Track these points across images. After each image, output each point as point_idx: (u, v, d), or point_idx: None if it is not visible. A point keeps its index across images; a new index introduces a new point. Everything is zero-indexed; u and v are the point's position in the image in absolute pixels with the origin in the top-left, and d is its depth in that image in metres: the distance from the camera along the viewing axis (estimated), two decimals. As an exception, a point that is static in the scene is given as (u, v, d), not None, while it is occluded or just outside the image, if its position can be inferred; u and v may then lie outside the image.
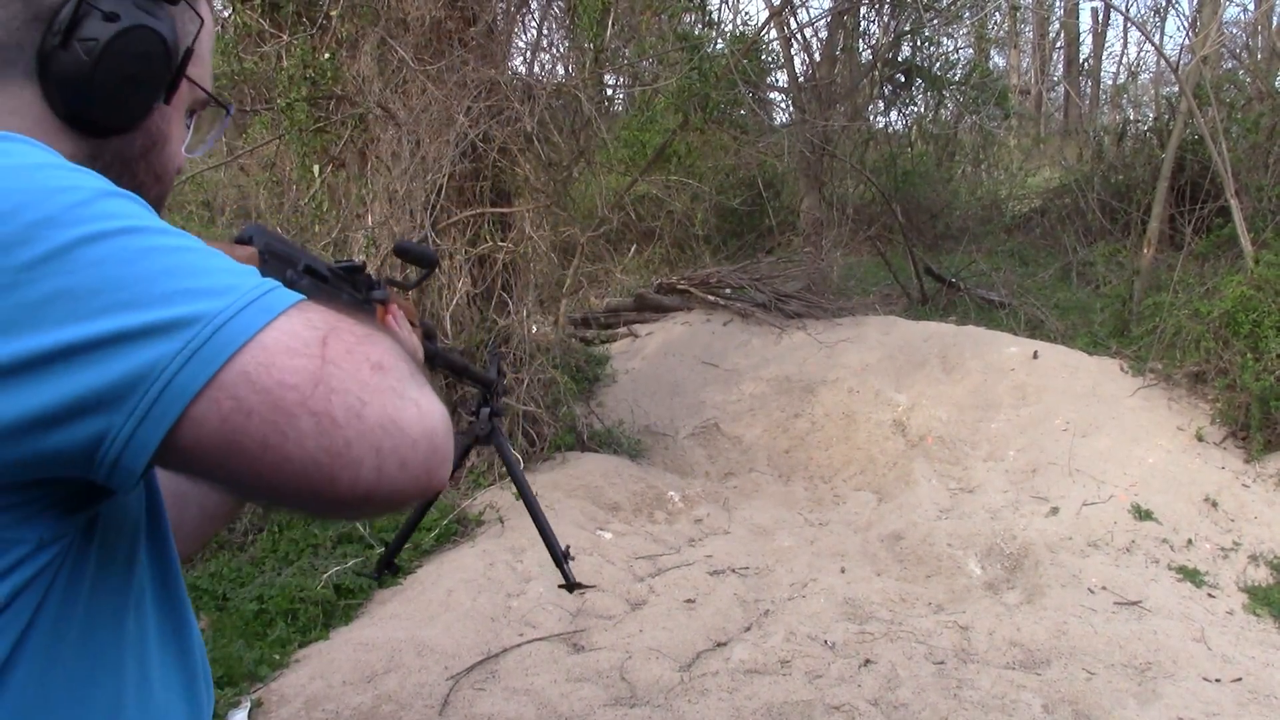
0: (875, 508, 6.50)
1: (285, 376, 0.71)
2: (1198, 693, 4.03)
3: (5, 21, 0.88)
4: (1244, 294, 6.60)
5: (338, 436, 0.72)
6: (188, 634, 0.97)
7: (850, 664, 4.24)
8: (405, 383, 0.77)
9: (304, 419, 0.71)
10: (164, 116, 1.01)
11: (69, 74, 0.89)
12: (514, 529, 5.48)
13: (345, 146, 6.15)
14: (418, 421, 0.76)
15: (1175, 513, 5.81)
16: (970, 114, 13.45)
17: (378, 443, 0.73)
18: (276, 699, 3.84)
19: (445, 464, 0.79)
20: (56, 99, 0.90)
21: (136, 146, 0.98)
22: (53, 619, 0.77)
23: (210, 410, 0.70)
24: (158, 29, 0.95)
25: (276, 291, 0.76)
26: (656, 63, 8.82)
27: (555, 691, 3.92)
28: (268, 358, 0.71)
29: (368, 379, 0.74)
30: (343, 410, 0.72)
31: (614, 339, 9.60)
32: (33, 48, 0.89)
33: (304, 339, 0.73)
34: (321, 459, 0.72)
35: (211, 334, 0.71)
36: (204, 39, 1.05)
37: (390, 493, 0.75)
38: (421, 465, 0.76)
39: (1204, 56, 8.90)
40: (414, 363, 0.81)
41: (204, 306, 0.72)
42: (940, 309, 10.36)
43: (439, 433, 0.78)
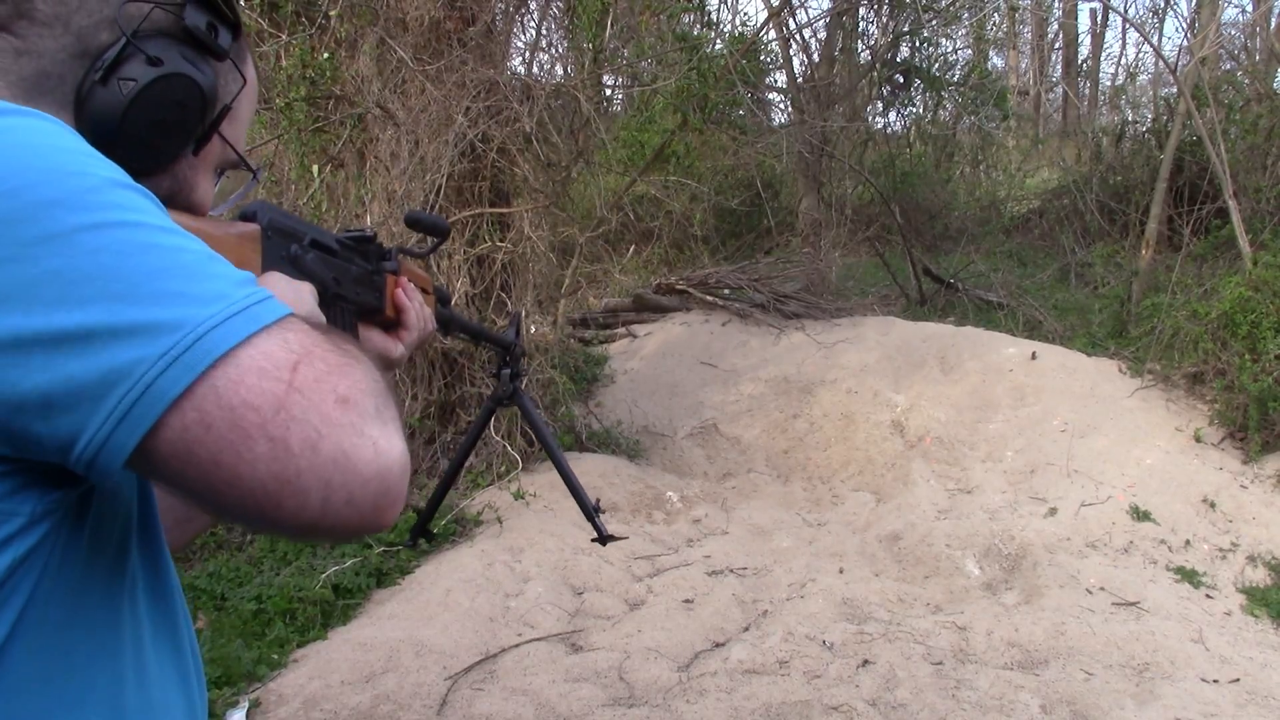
0: (874, 508, 6.50)
1: (250, 396, 0.72)
2: (1196, 693, 4.04)
3: (53, 52, 0.90)
4: (1242, 295, 6.60)
5: (290, 465, 0.72)
6: (179, 628, 0.97)
7: (848, 664, 4.24)
8: (367, 419, 0.77)
9: (260, 442, 0.72)
10: (192, 167, 1.02)
11: (103, 110, 0.91)
12: (513, 530, 5.48)
13: (344, 146, 6.14)
14: (372, 461, 0.76)
15: (1173, 513, 5.81)
16: (969, 115, 13.47)
17: (328, 477, 0.74)
18: (275, 699, 3.84)
19: (394, 505, 0.79)
20: (88, 131, 0.90)
21: (162, 190, 0.99)
22: (49, 598, 0.78)
23: (176, 418, 0.71)
24: (198, 80, 0.97)
25: (265, 304, 0.77)
26: (655, 63, 8.81)
27: (554, 691, 3.92)
28: (238, 374, 0.72)
29: (329, 411, 0.74)
30: (299, 440, 0.72)
31: (612, 339, 9.60)
32: (74, 81, 0.91)
33: (276, 361, 0.74)
34: (270, 484, 0.72)
35: (193, 341, 0.71)
36: (244, 100, 1.07)
37: (333, 526, 0.76)
38: (369, 504, 0.76)
39: (1202, 58, 8.91)
40: (383, 396, 0.80)
41: (191, 312, 0.72)
42: (938, 310, 10.37)
43: (392, 473, 0.78)
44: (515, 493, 5.94)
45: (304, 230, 1.17)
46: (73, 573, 0.80)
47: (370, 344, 1.33)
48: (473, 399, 6.35)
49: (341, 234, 1.29)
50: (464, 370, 6.33)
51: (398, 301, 1.36)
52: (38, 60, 0.89)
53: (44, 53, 0.89)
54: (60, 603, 0.79)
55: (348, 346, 0.82)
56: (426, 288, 1.52)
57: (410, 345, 1.39)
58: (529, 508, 5.81)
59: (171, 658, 0.95)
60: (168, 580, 0.96)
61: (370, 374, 0.80)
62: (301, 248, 1.14)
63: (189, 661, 0.98)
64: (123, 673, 0.86)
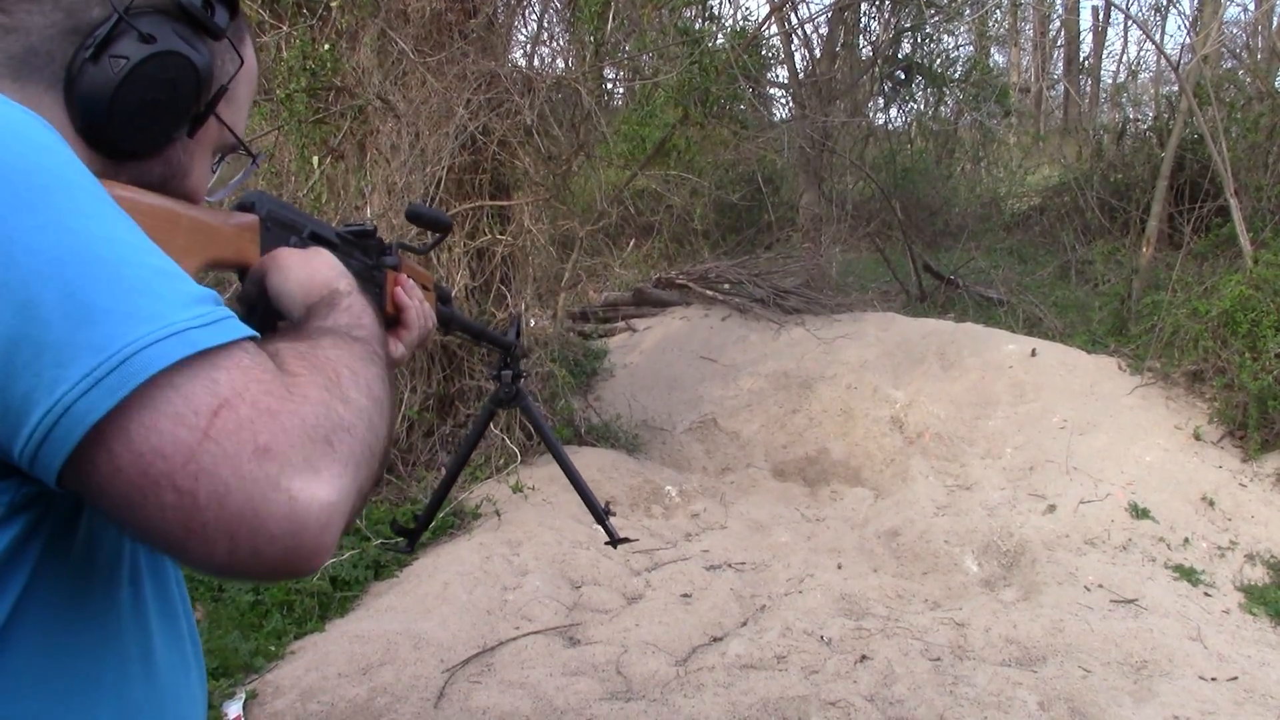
0: (872, 504, 6.50)
1: (160, 444, 0.69)
2: (1194, 691, 4.04)
3: (42, 29, 0.87)
4: (1242, 293, 6.60)
5: (196, 518, 0.70)
6: (178, 618, 0.97)
7: (846, 660, 4.24)
8: (287, 470, 0.73)
9: (167, 492, 0.70)
10: (186, 150, 0.99)
11: (93, 88, 0.88)
12: (511, 523, 5.47)
13: (344, 138, 6.13)
14: (284, 517, 0.73)
15: (1172, 511, 5.81)
16: (970, 111, 13.47)
17: (233, 531, 0.71)
18: (272, 690, 3.83)
19: (309, 557, 0.75)
20: (77, 111, 0.88)
21: (155, 174, 0.96)
22: (47, 589, 0.77)
23: (91, 453, 0.69)
24: (192, 59, 0.94)
25: (214, 327, 0.74)
26: (657, 57, 8.80)
27: (551, 685, 3.92)
28: (153, 419, 0.69)
29: (242, 465, 0.71)
30: (206, 493, 0.70)
31: (612, 333, 9.60)
32: (63, 58, 0.88)
33: (196, 405, 0.71)
34: (177, 532, 0.71)
35: (117, 364, 0.69)
36: (242, 81, 1.04)
37: (241, 574, 0.74)
38: (278, 559, 0.74)
39: (1204, 56, 8.90)
40: (324, 439, 0.77)
41: (120, 331, 0.69)
42: (939, 306, 10.36)
43: (308, 529, 0.74)
44: (514, 486, 5.93)
45: (303, 222, 1.16)
46: (70, 565, 0.79)
47: None
48: (472, 392, 6.34)
49: (341, 228, 1.28)
50: (463, 363, 6.32)
51: (398, 300, 1.34)
52: (26, 37, 0.87)
53: (32, 29, 0.87)
54: (59, 594, 0.78)
55: (303, 378, 0.79)
56: (427, 284, 1.50)
57: (410, 344, 1.36)
58: (527, 501, 5.80)
59: (175, 647, 0.94)
60: (167, 570, 0.95)
61: (312, 413, 0.77)
62: (300, 240, 1.13)
63: (189, 651, 0.97)
64: (129, 664, 0.85)
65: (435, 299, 1.55)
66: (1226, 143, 8.26)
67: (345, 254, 1.24)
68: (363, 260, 1.29)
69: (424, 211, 1.52)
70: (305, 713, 3.67)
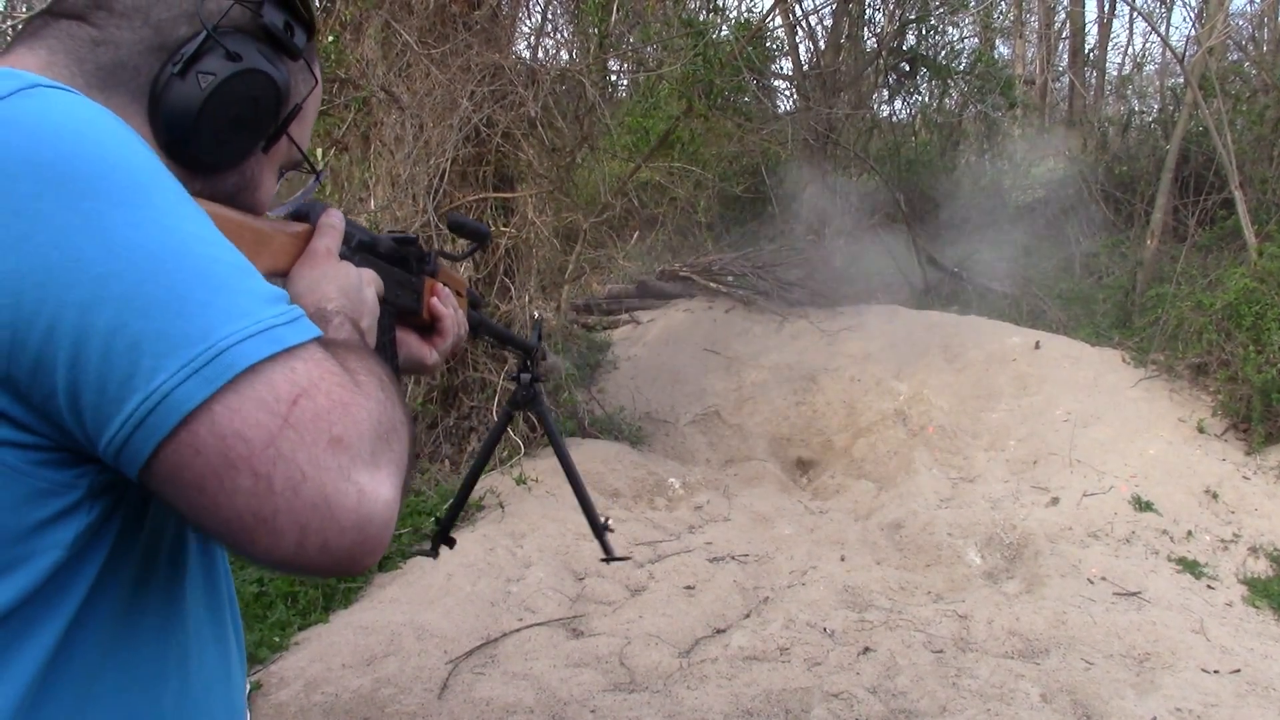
0: (875, 496, 6.50)
1: (243, 427, 0.71)
2: (1196, 684, 4.04)
3: (131, 43, 0.90)
4: (1247, 286, 6.59)
5: (268, 503, 0.72)
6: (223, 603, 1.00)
7: (849, 652, 4.25)
8: (357, 464, 0.75)
9: (244, 476, 0.71)
10: (259, 163, 1.02)
11: (180, 103, 0.90)
12: (514, 515, 5.48)
13: (348, 130, 6.13)
14: (354, 510, 0.74)
15: (1175, 504, 5.81)
16: (975, 103, 13.40)
17: (305, 521, 0.73)
18: (276, 681, 3.84)
19: (371, 554, 0.77)
20: (161, 126, 0.91)
21: (228, 186, 0.99)
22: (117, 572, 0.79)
23: (174, 439, 0.71)
24: (274, 77, 0.97)
25: (292, 325, 0.76)
26: (661, 49, 8.78)
27: (554, 676, 3.92)
28: (238, 402, 0.71)
29: (319, 454, 0.73)
30: (282, 480, 0.72)
31: (616, 325, 9.59)
32: (149, 73, 0.90)
33: (278, 393, 0.73)
34: (246, 519, 0.72)
35: (214, 356, 0.71)
36: (312, 102, 1.07)
37: (304, 567, 0.75)
38: (344, 552, 0.75)
39: (1210, 48, 8.87)
40: (385, 437, 0.79)
41: (215, 325, 0.72)
42: (942, 298, 10.35)
43: (373, 523, 0.76)
44: (517, 478, 5.94)
45: (352, 231, 1.17)
46: (139, 554, 0.81)
47: (406, 349, 1.33)
48: (475, 384, 6.35)
49: (385, 236, 1.29)
50: (466, 355, 6.32)
51: (434, 310, 1.36)
52: (114, 50, 0.89)
53: (121, 43, 0.89)
54: (129, 581, 0.81)
55: (362, 377, 0.81)
56: (460, 290, 1.52)
57: (444, 352, 1.38)
58: (531, 493, 5.81)
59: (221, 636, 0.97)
60: (216, 557, 0.98)
61: (376, 410, 0.79)
62: (348, 249, 1.14)
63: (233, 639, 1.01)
64: (188, 649, 0.88)
65: (467, 304, 1.56)
66: (1231, 135, 8.25)
67: (390, 261, 1.25)
68: (403, 268, 1.30)
69: (465, 221, 1.54)
70: (309, 703, 3.68)
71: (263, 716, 3.63)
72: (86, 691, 0.77)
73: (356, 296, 1.04)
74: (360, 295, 1.05)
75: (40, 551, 0.73)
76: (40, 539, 0.73)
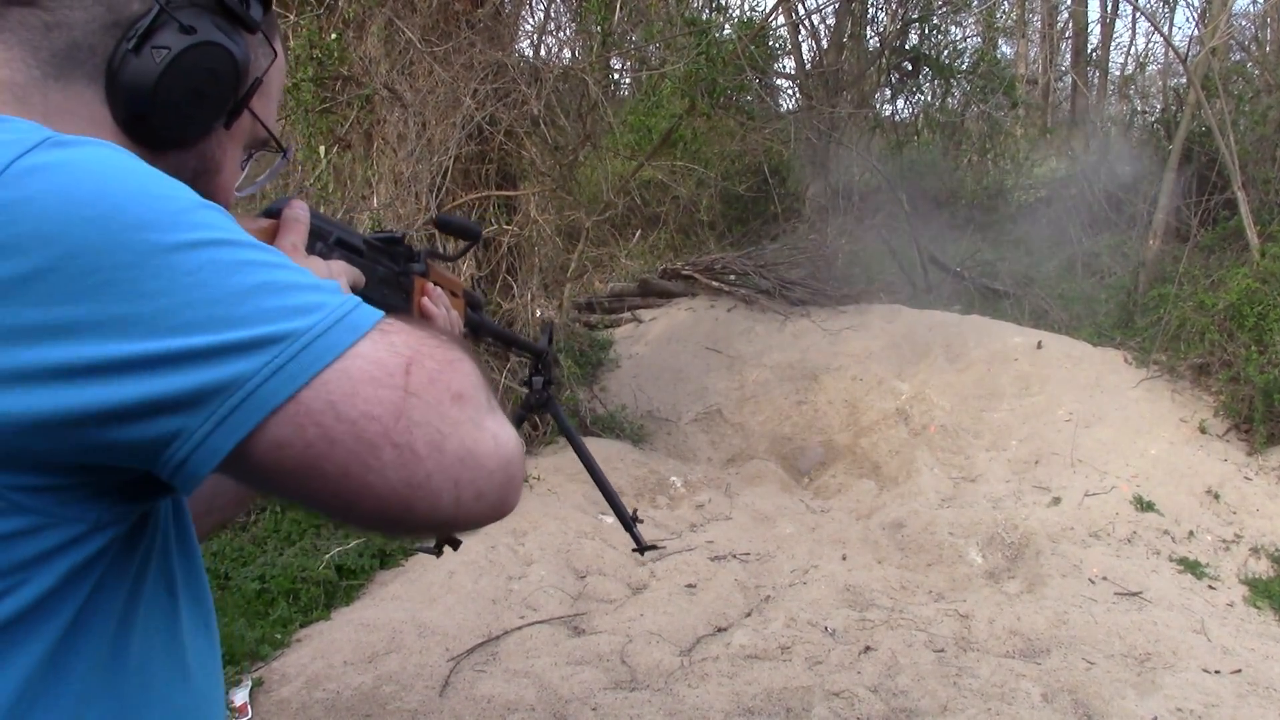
0: (877, 495, 6.50)
1: (370, 407, 0.72)
2: (1197, 684, 4.04)
3: (84, 23, 0.89)
4: (1249, 286, 6.59)
5: (419, 469, 0.73)
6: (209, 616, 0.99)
7: (850, 651, 4.25)
8: (482, 412, 0.78)
9: (387, 451, 0.72)
10: (220, 143, 1.01)
11: (137, 78, 0.90)
12: (516, 513, 5.45)
13: (351, 128, 6.13)
14: (494, 453, 0.77)
15: (1177, 504, 5.81)
16: (977, 103, 13.39)
17: (456, 475, 0.75)
18: (278, 678, 3.85)
19: (518, 490, 0.81)
20: (119, 103, 0.90)
21: (189, 168, 0.98)
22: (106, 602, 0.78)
23: (294, 433, 0.71)
24: (231, 49, 0.96)
25: (360, 309, 0.77)
26: (664, 47, 8.78)
27: (556, 674, 3.93)
28: (352, 386, 0.72)
29: (449, 411, 0.75)
30: (424, 443, 0.73)
31: (618, 324, 9.59)
32: (104, 52, 0.89)
33: (387, 367, 0.74)
34: (401, 490, 0.73)
35: (298, 351, 0.71)
36: (274, 75, 1.06)
37: (465, 521, 0.77)
38: (497, 494, 0.78)
39: (1213, 48, 8.87)
40: (488, 386, 0.82)
41: (292, 324, 0.72)
42: (944, 298, 10.33)
43: (514, 461, 0.80)
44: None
45: (330, 229, 1.15)
46: (129, 578, 0.81)
47: None
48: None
49: (370, 235, 1.27)
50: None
51: (425, 310, 1.34)
52: (68, 32, 0.88)
53: (74, 24, 0.88)
54: (119, 604, 0.80)
55: (446, 338, 0.82)
56: (456, 291, 1.49)
57: None
58: (533, 491, 5.81)
59: (210, 652, 0.96)
60: (200, 570, 0.97)
61: (474, 365, 0.81)
62: (327, 246, 1.12)
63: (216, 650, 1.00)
64: (175, 670, 0.87)
65: (464, 306, 1.53)
66: (1234, 135, 8.24)
67: (372, 260, 1.23)
68: (390, 267, 1.28)
69: (453, 219, 1.51)
70: (311, 700, 3.69)
71: (265, 713, 3.64)
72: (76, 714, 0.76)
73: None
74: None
75: (32, 580, 0.72)
76: (36, 570, 0.72)
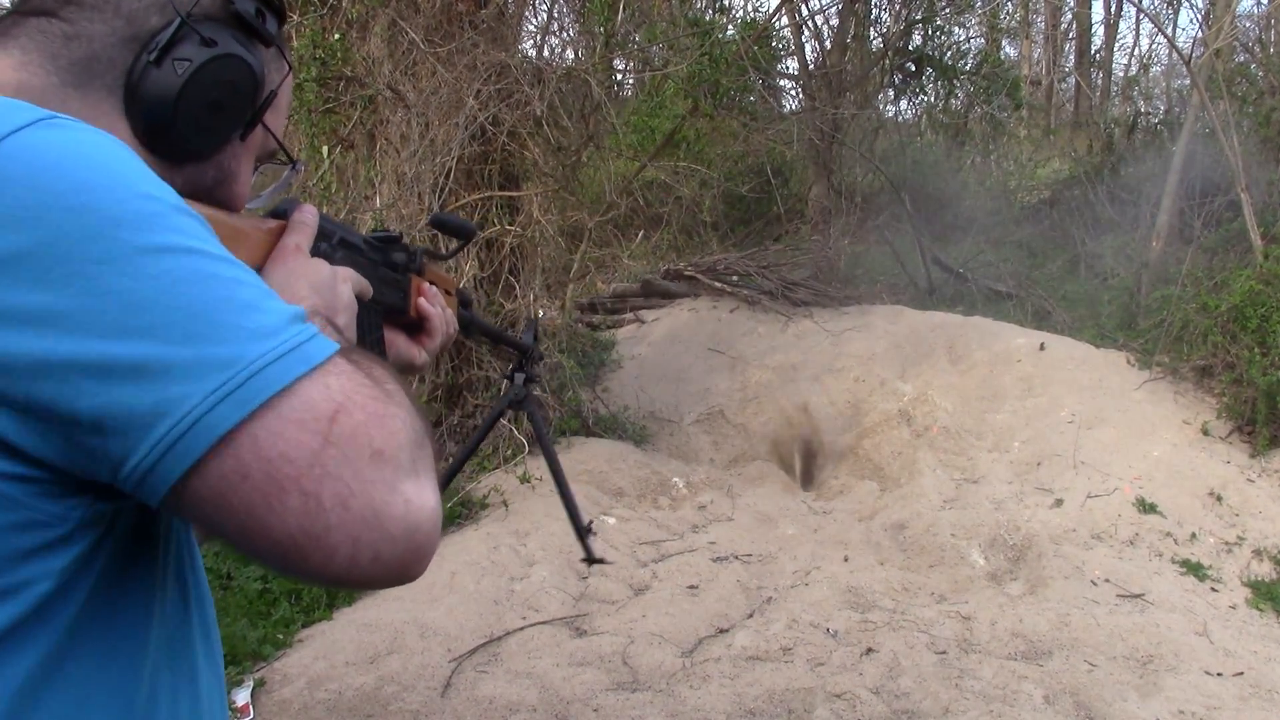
0: (879, 497, 6.50)
1: (288, 449, 0.71)
2: (1199, 686, 4.04)
3: (103, 36, 0.89)
4: (1253, 288, 6.58)
5: (319, 521, 0.72)
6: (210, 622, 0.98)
7: (852, 652, 4.25)
8: (400, 474, 0.76)
9: (293, 496, 0.71)
10: (236, 155, 1.02)
11: (157, 90, 0.90)
12: (518, 513, 5.49)
13: (354, 128, 6.13)
14: (402, 519, 0.75)
15: (1179, 506, 5.80)
16: (980, 104, 13.39)
17: (357, 534, 0.73)
18: (280, 678, 3.85)
19: (422, 561, 0.78)
20: (139, 116, 0.90)
21: (208, 178, 0.99)
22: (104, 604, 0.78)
23: (216, 459, 0.70)
24: (250, 62, 0.97)
25: (315, 341, 0.76)
26: (667, 48, 8.78)
27: (558, 675, 3.93)
28: (279, 425, 0.71)
29: (363, 468, 0.73)
30: (331, 496, 0.72)
31: (620, 324, 9.59)
32: (124, 65, 0.90)
33: (315, 410, 0.73)
34: (299, 537, 0.72)
35: (246, 379, 0.70)
36: (285, 89, 1.06)
37: (360, 580, 0.75)
38: (397, 561, 0.75)
39: (1216, 49, 8.85)
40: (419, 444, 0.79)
41: (245, 348, 0.71)
42: (947, 299, 10.34)
43: (421, 530, 0.77)
44: (521, 476, 5.94)
45: (333, 229, 1.16)
46: (130, 582, 0.81)
47: (394, 349, 1.32)
48: (480, 382, 6.35)
49: (368, 235, 1.29)
50: (471, 354, 6.33)
51: (422, 310, 1.35)
52: (88, 44, 0.89)
53: (94, 36, 0.89)
54: (120, 610, 0.80)
55: (389, 385, 0.80)
56: (449, 289, 1.51)
57: (433, 352, 1.37)
58: (535, 492, 5.81)
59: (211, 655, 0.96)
60: (200, 571, 0.97)
61: (408, 418, 0.79)
62: (330, 246, 1.14)
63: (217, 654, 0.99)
64: (180, 675, 0.87)
65: (457, 303, 1.55)
66: (1238, 137, 8.23)
67: (373, 261, 1.24)
68: (388, 268, 1.29)
69: (449, 219, 1.52)
70: (313, 701, 3.69)
71: (267, 713, 3.64)
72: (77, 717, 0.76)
73: (330, 294, 1.03)
74: (334, 292, 1.03)
75: (33, 581, 0.72)
76: (30, 568, 0.72)
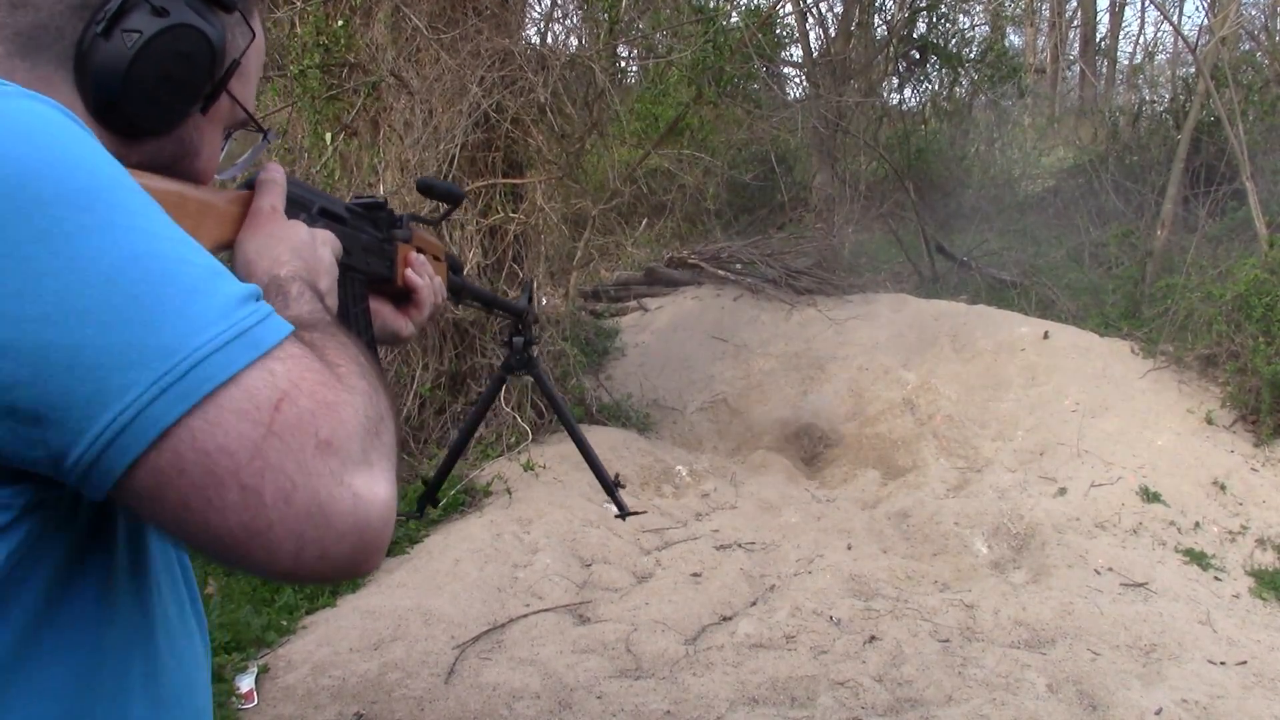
0: (883, 485, 6.50)
1: (227, 442, 0.68)
2: (1202, 675, 4.04)
3: (50, 4, 0.84)
4: (1257, 277, 6.57)
5: (261, 517, 0.68)
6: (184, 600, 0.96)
7: (855, 640, 4.25)
8: (349, 465, 0.72)
9: (232, 491, 0.68)
10: (198, 128, 0.97)
11: (107, 64, 0.85)
12: (521, 500, 5.49)
13: (358, 115, 6.12)
14: (349, 513, 0.71)
15: (1183, 495, 5.80)
16: (985, 92, 13.36)
17: (300, 531, 0.70)
18: (284, 665, 3.86)
19: (371, 557, 0.75)
20: (90, 89, 0.86)
21: (167, 154, 0.94)
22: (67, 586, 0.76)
23: (151, 457, 0.67)
24: (206, 32, 0.91)
25: (265, 324, 0.72)
26: (671, 35, 8.75)
27: (561, 662, 3.94)
28: (218, 415, 0.68)
29: (307, 460, 0.70)
30: (272, 490, 0.68)
31: (624, 312, 9.59)
32: (73, 35, 0.85)
33: (258, 399, 0.69)
34: (239, 534, 0.69)
35: (189, 369, 0.67)
36: (252, 56, 1.01)
37: (306, 576, 0.72)
38: (345, 557, 0.72)
39: (1222, 37, 8.83)
40: (374, 432, 0.76)
41: (189, 335, 0.68)
42: (951, 287, 10.32)
43: (370, 525, 0.73)
44: (525, 464, 5.95)
45: (312, 198, 1.12)
46: (95, 565, 0.78)
47: (380, 320, 1.28)
48: (484, 369, 6.35)
49: (351, 201, 1.25)
50: (475, 341, 6.33)
51: (409, 281, 1.31)
52: (34, 13, 0.84)
53: (41, 4, 0.84)
54: (87, 594, 0.77)
55: (345, 368, 0.77)
56: (438, 255, 1.48)
57: (420, 323, 1.34)
58: (538, 479, 5.82)
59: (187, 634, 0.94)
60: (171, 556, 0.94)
61: (363, 404, 0.76)
62: (310, 216, 1.10)
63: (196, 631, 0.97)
64: (155, 658, 0.85)
65: (446, 269, 1.52)
66: (1243, 126, 8.21)
67: (356, 227, 1.21)
68: (373, 233, 1.26)
69: (436, 184, 1.48)
70: (317, 687, 3.70)
71: (270, 699, 3.65)
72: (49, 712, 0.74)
73: (311, 256, 0.99)
74: (315, 254, 1.00)
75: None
76: None
